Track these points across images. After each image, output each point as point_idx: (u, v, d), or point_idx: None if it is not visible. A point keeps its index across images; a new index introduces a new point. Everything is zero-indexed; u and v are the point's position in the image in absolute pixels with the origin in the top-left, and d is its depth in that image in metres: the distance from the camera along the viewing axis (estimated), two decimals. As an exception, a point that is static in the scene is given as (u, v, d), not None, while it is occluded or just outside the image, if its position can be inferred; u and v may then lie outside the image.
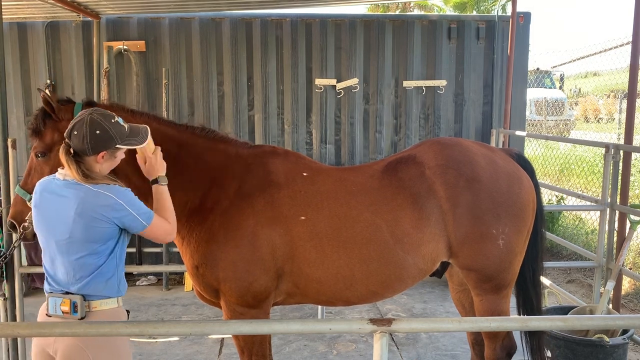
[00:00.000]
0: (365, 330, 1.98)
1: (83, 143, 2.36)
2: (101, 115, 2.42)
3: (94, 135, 2.36)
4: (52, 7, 5.56)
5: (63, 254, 2.42)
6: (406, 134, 6.81)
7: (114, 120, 2.44)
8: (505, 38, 6.69)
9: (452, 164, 3.17)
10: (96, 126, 2.37)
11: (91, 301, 2.43)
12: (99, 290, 2.44)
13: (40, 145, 2.81)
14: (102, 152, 2.41)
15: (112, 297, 2.49)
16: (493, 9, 17.57)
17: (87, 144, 2.36)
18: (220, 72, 6.62)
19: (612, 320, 2.66)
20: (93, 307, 2.43)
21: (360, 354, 4.83)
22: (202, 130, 3.19)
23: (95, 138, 2.37)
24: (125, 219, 2.40)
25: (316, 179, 3.17)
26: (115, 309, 2.49)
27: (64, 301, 2.40)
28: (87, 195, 2.36)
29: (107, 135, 2.39)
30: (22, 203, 2.81)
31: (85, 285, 2.42)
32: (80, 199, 2.35)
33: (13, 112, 6.40)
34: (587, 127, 17.35)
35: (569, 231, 8.01)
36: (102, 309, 2.44)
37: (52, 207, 2.41)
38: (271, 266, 2.99)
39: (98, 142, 2.38)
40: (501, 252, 3.15)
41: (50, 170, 2.78)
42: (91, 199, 2.35)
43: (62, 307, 2.40)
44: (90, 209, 2.35)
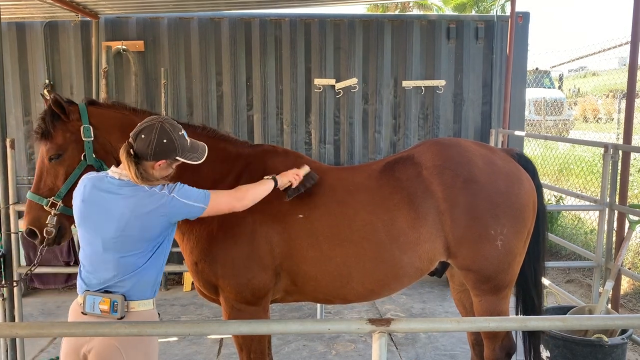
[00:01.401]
0: (364, 330, 1.98)
1: (148, 148, 2.42)
2: (171, 126, 2.49)
3: (161, 143, 2.43)
4: (51, 7, 5.55)
5: (109, 252, 2.42)
6: (405, 133, 6.80)
7: (181, 132, 2.52)
8: (504, 38, 6.69)
9: (450, 164, 3.17)
10: (165, 135, 2.44)
11: (130, 301, 2.44)
12: (139, 290, 2.46)
13: (53, 147, 2.80)
14: (162, 161, 2.47)
15: (150, 298, 2.52)
16: (492, 8, 17.58)
17: (151, 149, 2.42)
18: (219, 72, 6.61)
19: (611, 320, 2.66)
20: (131, 307, 2.44)
21: (360, 354, 4.83)
22: (204, 129, 3.21)
23: (161, 146, 2.43)
24: (182, 210, 2.47)
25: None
26: (151, 310, 2.52)
27: (103, 300, 2.40)
28: (144, 194, 2.41)
29: (172, 146, 2.46)
30: (38, 208, 2.78)
31: (127, 285, 2.43)
32: (137, 198, 2.40)
33: (11, 112, 6.39)
34: (586, 127, 17.36)
35: (568, 231, 8.02)
36: (140, 310, 2.46)
37: (103, 204, 2.43)
38: (269, 263, 3.00)
39: (162, 150, 2.44)
40: (499, 253, 3.15)
41: (66, 171, 2.80)
42: (147, 199, 2.41)
43: (101, 306, 2.40)
44: (146, 208, 2.39)
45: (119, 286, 2.43)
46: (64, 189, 2.78)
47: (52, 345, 4.98)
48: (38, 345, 4.95)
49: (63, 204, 2.77)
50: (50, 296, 6.28)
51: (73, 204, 2.56)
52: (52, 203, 2.76)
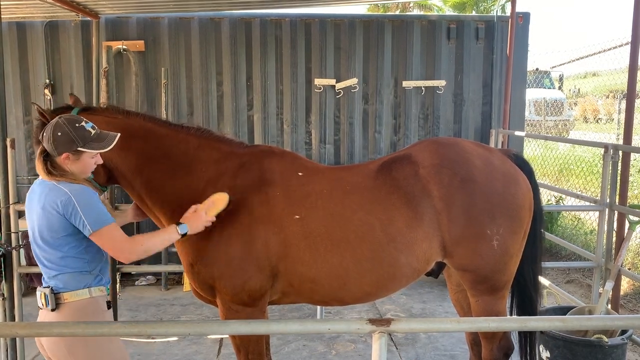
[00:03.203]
0: (364, 330, 1.98)
1: (48, 144, 2.54)
2: (66, 120, 2.58)
3: (56, 138, 2.53)
4: (51, 7, 5.55)
5: (36, 248, 2.61)
6: (405, 134, 6.81)
7: (78, 124, 2.58)
8: (504, 38, 6.69)
9: (447, 163, 3.17)
10: (58, 129, 2.54)
11: (63, 293, 2.56)
12: (68, 283, 2.58)
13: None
14: (65, 154, 2.55)
15: (85, 288, 2.60)
16: (492, 9, 17.58)
17: (51, 144, 2.54)
18: (220, 72, 6.61)
19: (610, 321, 2.66)
20: (65, 299, 2.57)
21: (359, 354, 4.83)
22: (197, 130, 3.22)
23: (57, 140, 2.53)
24: (74, 218, 2.51)
25: (311, 178, 3.18)
26: (86, 299, 2.59)
27: (40, 294, 2.59)
28: (49, 189, 2.54)
29: (67, 138, 2.54)
30: None
31: (55, 278, 2.58)
32: (45, 194, 2.54)
33: (12, 111, 6.40)
34: (586, 128, 17.36)
35: (568, 231, 8.01)
36: (73, 301, 2.57)
37: (30, 202, 2.65)
38: (265, 264, 3.00)
39: (60, 144, 2.53)
40: (496, 253, 3.15)
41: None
42: (50, 193, 2.53)
43: (40, 300, 2.59)
44: (48, 202, 2.52)
45: (52, 280, 2.59)
46: None
47: (52, 344, 4.97)
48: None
49: None
50: (50, 296, 6.28)
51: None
52: None
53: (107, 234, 2.53)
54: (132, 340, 4.96)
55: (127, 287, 6.52)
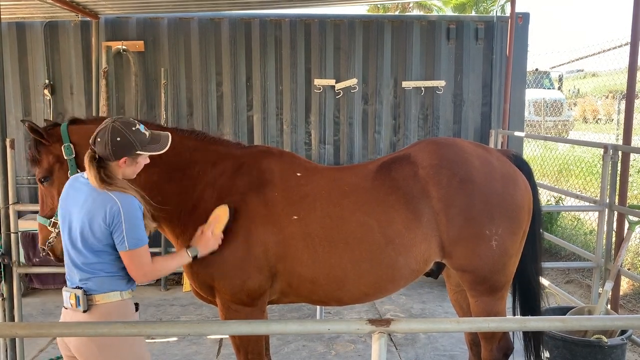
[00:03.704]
0: (363, 330, 1.98)
1: (105, 149, 2.50)
2: (122, 124, 2.54)
3: (115, 142, 2.49)
4: (51, 7, 5.55)
5: (73, 249, 2.56)
6: (405, 134, 6.81)
7: (134, 127, 2.56)
8: (504, 38, 6.69)
9: (446, 164, 3.17)
10: (117, 134, 2.50)
11: (94, 295, 2.54)
12: (99, 285, 2.56)
13: (41, 171, 2.97)
14: (124, 158, 2.54)
15: (116, 290, 2.59)
16: (492, 9, 17.58)
17: (109, 150, 2.49)
18: (219, 72, 6.61)
19: (610, 321, 2.67)
20: (96, 300, 2.55)
21: (359, 354, 4.83)
22: (192, 133, 3.22)
23: (116, 145, 2.49)
24: (116, 228, 2.48)
25: (310, 179, 3.18)
26: (117, 302, 2.59)
27: (71, 295, 2.55)
28: (100, 196, 2.49)
29: (127, 142, 2.51)
30: (45, 229, 2.99)
31: (89, 280, 2.55)
32: (92, 198, 2.50)
33: (11, 112, 6.39)
34: (586, 128, 17.36)
35: (567, 232, 8.01)
36: (104, 303, 2.57)
37: (71, 202, 2.58)
38: (264, 265, 3.00)
39: (119, 148, 2.50)
40: (494, 254, 3.14)
41: (58, 190, 2.92)
42: (98, 198, 2.49)
43: (70, 300, 2.55)
44: (95, 208, 2.48)
45: (83, 281, 2.56)
46: None
47: (52, 345, 4.97)
48: (37, 345, 4.94)
49: None
50: (49, 296, 6.28)
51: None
52: (53, 223, 2.94)
53: (138, 257, 2.54)
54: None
55: (126, 287, 6.51)
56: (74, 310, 2.55)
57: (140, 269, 2.56)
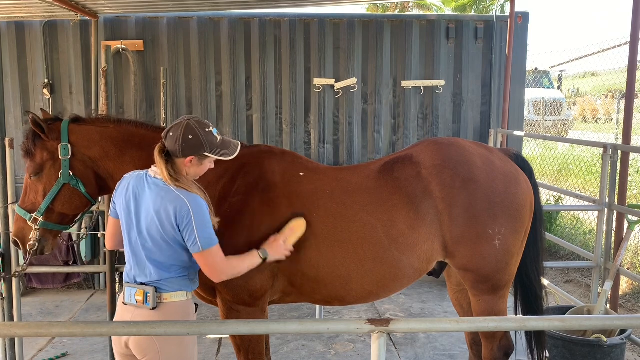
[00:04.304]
0: (363, 330, 1.97)
1: (175, 145, 2.50)
2: (197, 123, 2.55)
3: (187, 140, 2.50)
4: (50, 6, 5.55)
5: (140, 247, 2.55)
6: (404, 133, 6.81)
7: (208, 129, 2.56)
8: (503, 38, 6.69)
9: (449, 164, 3.17)
10: (190, 131, 2.51)
11: (162, 293, 2.56)
12: (169, 284, 2.57)
13: (32, 165, 2.93)
14: (191, 157, 2.54)
15: (183, 290, 2.61)
16: (491, 8, 17.59)
17: (179, 146, 2.50)
18: (219, 72, 6.61)
19: (609, 321, 2.66)
20: (164, 299, 2.56)
21: (359, 354, 4.83)
22: None
23: (187, 142, 2.50)
24: (186, 230, 2.48)
25: (312, 179, 3.17)
26: (183, 302, 2.62)
27: (138, 291, 2.54)
28: (168, 195, 2.49)
29: (197, 142, 2.51)
30: (22, 221, 2.94)
31: (158, 278, 2.55)
32: (161, 197, 2.49)
33: (10, 111, 6.39)
34: (585, 127, 17.38)
35: (567, 231, 8.02)
36: (172, 301, 2.58)
37: (138, 200, 2.56)
38: (266, 265, 2.99)
39: (189, 146, 2.50)
40: (497, 253, 3.15)
41: (44, 187, 2.92)
42: (166, 197, 2.49)
43: (137, 297, 2.54)
44: (164, 208, 2.48)
45: (152, 279, 2.54)
46: (44, 206, 2.91)
47: (51, 345, 4.97)
48: (37, 345, 4.94)
49: (44, 219, 2.92)
50: (49, 296, 6.28)
51: (114, 197, 2.68)
52: (33, 219, 2.90)
53: (212, 255, 2.53)
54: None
55: (126, 287, 6.51)
56: (138, 307, 2.54)
57: (216, 268, 2.56)
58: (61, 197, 2.93)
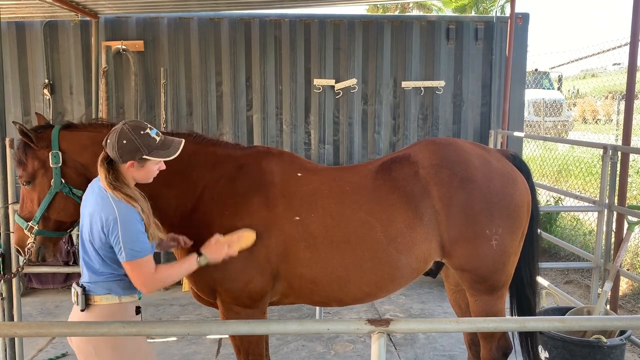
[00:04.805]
0: (363, 330, 1.98)
1: (113, 151, 2.50)
2: (131, 127, 2.53)
3: (122, 145, 2.49)
4: (51, 7, 5.55)
5: (81, 249, 2.63)
6: (404, 134, 6.81)
7: (143, 132, 2.53)
8: (503, 39, 6.69)
9: (446, 163, 3.17)
10: (124, 136, 2.49)
11: (94, 295, 2.58)
12: (100, 287, 2.59)
13: (24, 174, 2.93)
14: (129, 162, 2.52)
15: (113, 294, 2.60)
16: (492, 9, 17.59)
17: (116, 152, 2.50)
18: (219, 72, 6.61)
19: (609, 321, 2.67)
20: (94, 301, 2.58)
21: (359, 354, 4.83)
22: (189, 136, 3.15)
23: (123, 148, 2.49)
24: (113, 238, 2.47)
25: (310, 179, 3.17)
26: (115, 304, 2.60)
27: (74, 291, 2.61)
28: (102, 201, 2.50)
29: (133, 146, 2.50)
30: (21, 230, 2.96)
31: (89, 280, 2.60)
32: (96, 203, 2.52)
33: (11, 111, 6.38)
34: (585, 128, 17.37)
35: (566, 232, 8.02)
36: (102, 304, 2.59)
37: (84, 205, 2.63)
38: (266, 266, 2.99)
39: (125, 151, 2.49)
40: (494, 253, 3.15)
41: (38, 196, 2.92)
42: (101, 202, 2.50)
43: (73, 297, 2.62)
44: (97, 212, 2.50)
45: (84, 280, 2.62)
46: (38, 214, 2.91)
47: (51, 345, 4.97)
48: (37, 344, 4.94)
49: (40, 228, 2.92)
50: (49, 296, 6.28)
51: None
52: (30, 227, 2.91)
53: (138, 267, 2.50)
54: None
55: (126, 287, 6.52)
56: (75, 307, 2.62)
57: (141, 280, 2.53)
58: (55, 205, 2.91)
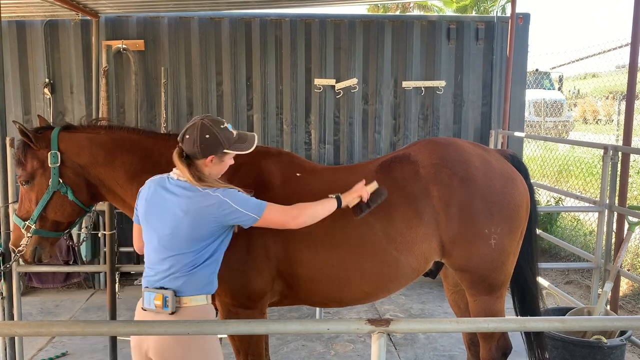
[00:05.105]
0: (363, 330, 1.97)
1: (193, 147, 2.47)
2: (211, 121, 2.52)
3: (204, 140, 2.47)
4: (51, 6, 5.55)
5: (164, 249, 2.51)
6: (405, 134, 6.81)
7: (222, 126, 2.54)
8: (504, 39, 6.69)
9: (446, 163, 3.17)
10: (206, 131, 2.48)
11: (182, 297, 2.49)
12: (191, 287, 2.51)
13: (23, 174, 2.95)
14: (211, 156, 2.51)
15: (203, 294, 2.56)
16: (492, 9, 17.58)
17: (197, 147, 2.47)
18: (219, 72, 6.61)
19: (610, 322, 2.67)
20: (183, 302, 2.49)
21: (358, 354, 4.83)
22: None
23: (205, 142, 2.47)
24: (232, 215, 2.46)
25: (309, 179, 3.17)
26: (203, 306, 2.56)
27: (157, 295, 2.48)
28: (196, 195, 2.46)
29: (215, 140, 2.49)
30: (18, 229, 2.95)
31: (179, 282, 2.49)
32: (188, 198, 2.46)
33: (11, 110, 6.38)
34: (586, 129, 17.37)
35: (567, 232, 8.02)
36: (191, 305, 2.51)
37: (162, 203, 2.52)
38: (265, 267, 2.98)
39: (207, 146, 2.48)
40: (493, 252, 3.15)
41: (36, 196, 2.93)
42: (199, 199, 2.45)
43: (155, 302, 2.48)
44: (197, 208, 2.45)
45: (172, 282, 2.49)
46: (36, 214, 2.92)
47: (51, 344, 4.97)
48: (37, 344, 4.94)
49: (37, 227, 2.92)
50: (49, 295, 6.28)
51: (137, 203, 2.65)
52: (27, 226, 2.92)
53: (272, 211, 2.52)
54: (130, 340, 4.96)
55: (126, 286, 6.51)
56: (157, 312, 2.47)
57: (286, 215, 2.55)
58: (52, 205, 2.93)
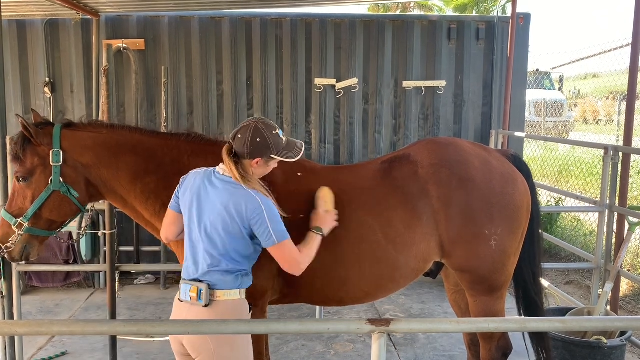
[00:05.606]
0: (363, 330, 1.97)
1: (244, 147, 2.54)
2: (265, 125, 2.58)
3: (255, 142, 2.54)
4: (52, 5, 5.55)
5: (202, 242, 2.56)
6: (405, 134, 6.80)
7: (274, 131, 2.60)
8: (505, 39, 6.69)
9: (446, 163, 3.16)
10: (258, 134, 2.54)
11: (216, 290, 2.54)
12: (225, 282, 2.55)
13: (22, 170, 2.87)
14: (258, 159, 2.57)
15: (236, 289, 2.58)
16: (493, 9, 17.57)
17: (247, 148, 2.53)
18: (220, 71, 6.61)
19: (610, 322, 2.67)
20: (217, 296, 2.54)
21: (359, 354, 4.83)
22: (188, 136, 3.14)
23: (255, 144, 2.54)
24: (260, 227, 2.50)
25: (310, 179, 3.16)
26: (237, 300, 2.59)
27: (192, 288, 2.54)
28: (238, 191, 2.52)
29: (265, 144, 2.56)
30: (7, 226, 2.88)
31: (214, 275, 2.54)
32: (230, 193, 2.52)
33: (12, 109, 6.37)
34: (586, 129, 17.38)
35: (567, 233, 8.01)
36: (224, 299, 2.55)
37: (205, 196, 2.58)
38: (265, 265, 2.98)
39: (256, 148, 2.54)
40: (494, 253, 3.14)
41: (33, 193, 2.86)
42: (237, 193, 2.51)
43: (191, 294, 2.54)
44: (234, 203, 2.50)
45: (208, 276, 2.55)
46: (31, 212, 2.85)
47: (51, 343, 4.97)
48: (36, 343, 4.94)
49: (30, 225, 2.86)
50: (48, 294, 6.28)
51: (179, 191, 2.69)
52: (19, 224, 2.84)
53: (289, 247, 2.56)
54: (131, 339, 4.96)
55: (126, 286, 6.52)
56: (192, 304, 2.53)
57: (293, 259, 2.58)
58: (50, 204, 2.87)
